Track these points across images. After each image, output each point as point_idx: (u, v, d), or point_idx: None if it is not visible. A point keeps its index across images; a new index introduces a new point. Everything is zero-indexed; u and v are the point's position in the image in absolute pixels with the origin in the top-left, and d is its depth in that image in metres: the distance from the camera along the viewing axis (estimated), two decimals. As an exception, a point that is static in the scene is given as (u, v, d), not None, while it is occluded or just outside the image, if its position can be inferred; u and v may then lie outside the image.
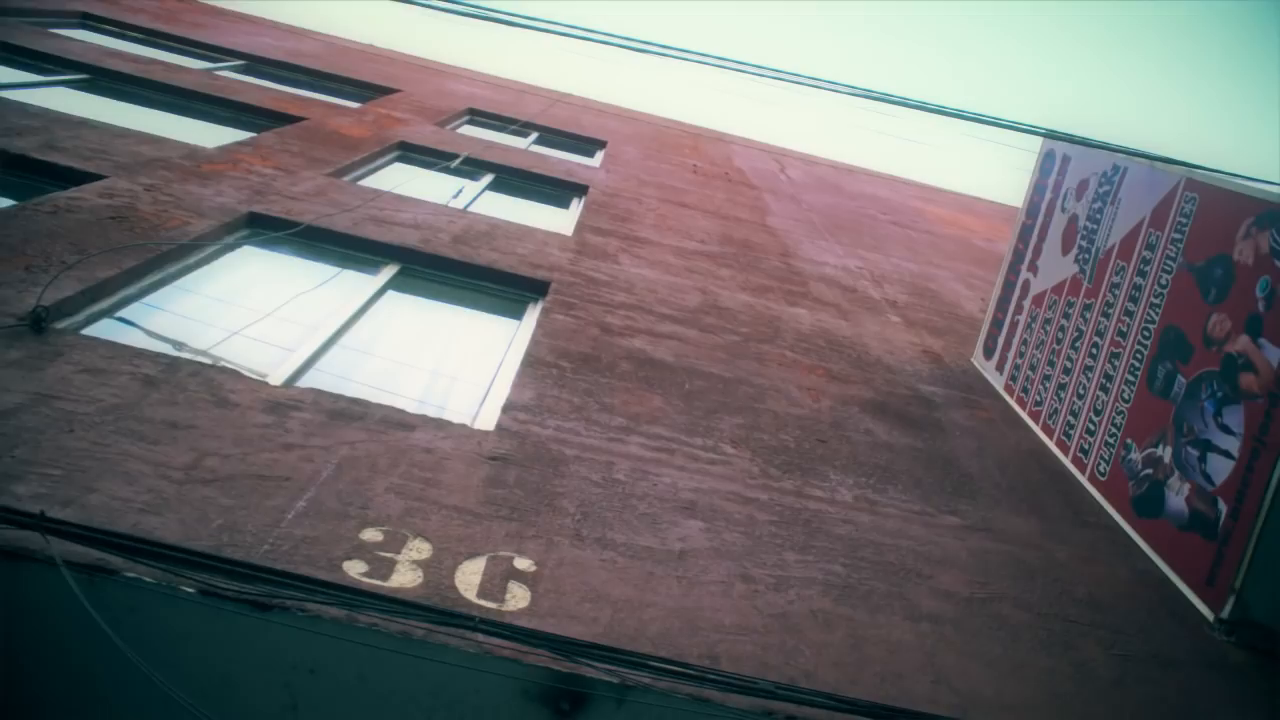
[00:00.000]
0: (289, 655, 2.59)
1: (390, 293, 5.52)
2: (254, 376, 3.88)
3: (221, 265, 5.19)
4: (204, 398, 3.53)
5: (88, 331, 3.96)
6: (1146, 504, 4.43)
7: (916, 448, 4.89)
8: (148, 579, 2.53)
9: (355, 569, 2.79)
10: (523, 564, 3.06)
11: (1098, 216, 5.63)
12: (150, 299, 4.53)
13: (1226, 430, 4.04)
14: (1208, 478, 4.07)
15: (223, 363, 3.99)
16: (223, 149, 7.01)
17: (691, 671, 2.72)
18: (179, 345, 4.16)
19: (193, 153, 6.63)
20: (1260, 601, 3.76)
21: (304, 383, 4.04)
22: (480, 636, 2.60)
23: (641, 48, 4.85)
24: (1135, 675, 3.40)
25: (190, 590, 2.53)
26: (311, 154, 7.55)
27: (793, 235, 9.57)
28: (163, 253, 4.78)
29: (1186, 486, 4.19)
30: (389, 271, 5.71)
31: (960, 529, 4.13)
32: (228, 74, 10.81)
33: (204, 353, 4.13)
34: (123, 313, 4.31)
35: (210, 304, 4.70)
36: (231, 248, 5.39)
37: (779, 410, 4.91)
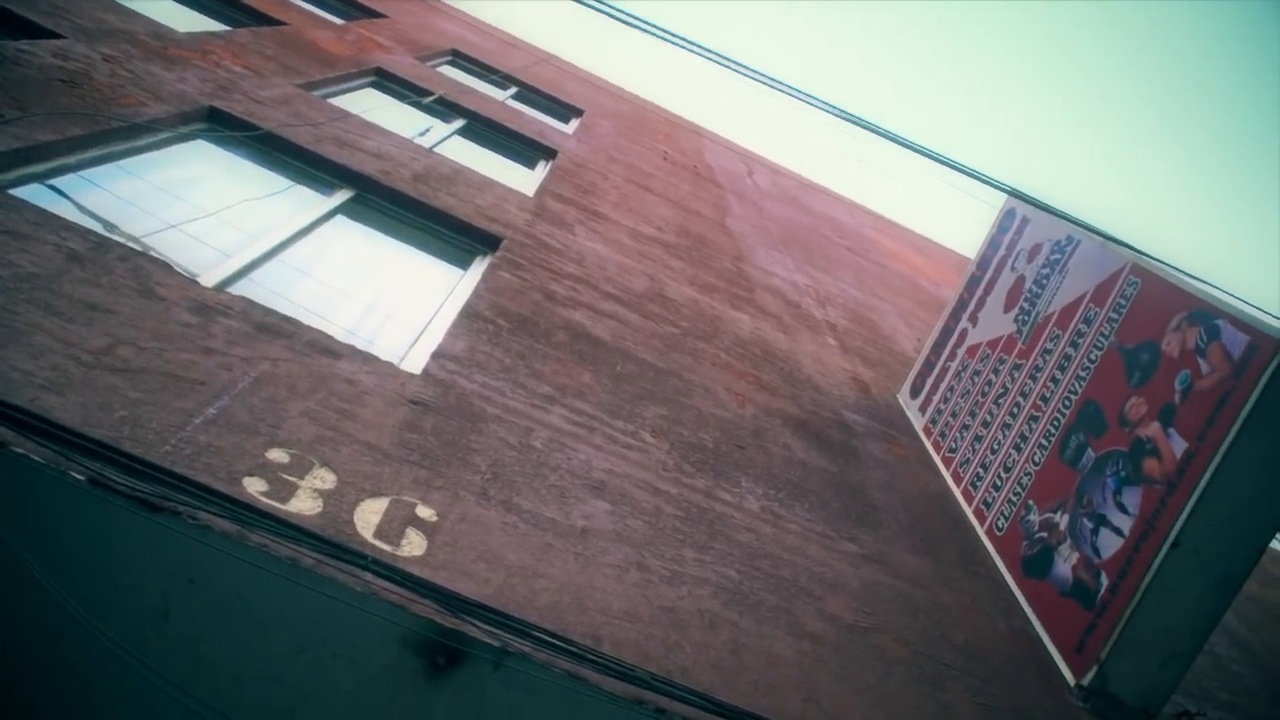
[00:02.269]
0: (170, 561, 2.53)
1: (340, 217, 5.40)
2: (185, 274, 3.76)
3: (171, 154, 5.01)
4: (129, 285, 3.41)
5: (16, 192, 3.78)
6: (1035, 565, 4.57)
7: (829, 471, 4.97)
8: (36, 457, 2.43)
9: (255, 486, 2.73)
10: (425, 512, 3.03)
11: (1044, 282, 5.77)
12: (89, 173, 4.35)
13: (1122, 509, 4.18)
14: (1096, 550, 4.22)
15: (154, 253, 3.86)
16: (193, 36, 6.76)
17: (573, 649, 2.73)
18: (111, 227, 4.01)
19: (161, 33, 6.38)
20: (1120, 675, 3.92)
21: (236, 290, 3.92)
22: (369, 577, 2.56)
23: (632, 22, 4.81)
24: (993, 725, 3.51)
25: (79, 477, 2.45)
26: (285, 61, 7.33)
27: (748, 240, 9.62)
28: (111, 129, 4.59)
29: (1075, 555, 4.33)
30: (342, 195, 5.58)
31: (856, 557, 4.21)
32: (212, -39, 10.42)
33: (137, 240, 3.99)
34: (57, 181, 4.13)
35: (152, 192, 4.53)
36: (185, 138, 5.21)
37: (704, 409, 4.94)
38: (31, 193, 3.90)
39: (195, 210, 4.52)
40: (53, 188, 4.06)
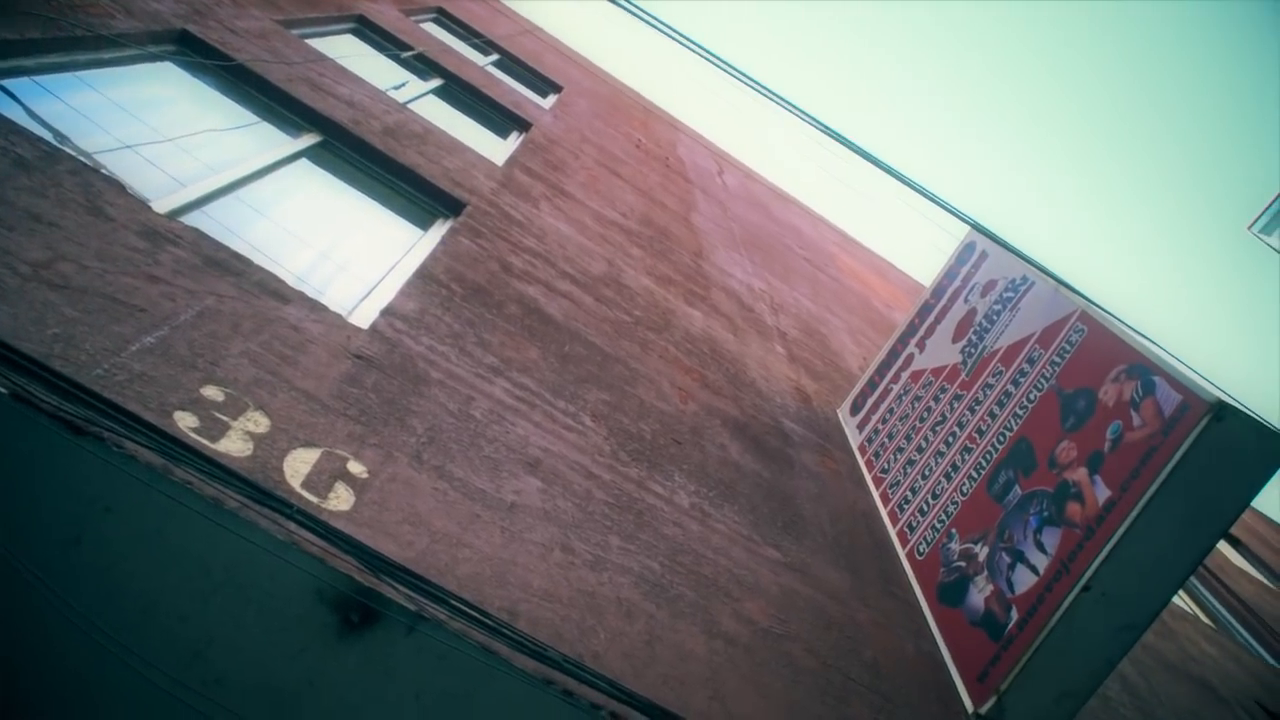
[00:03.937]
0: (90, 488, 2.46)
1: (304, 161, 5.29)
2: (137, 197, 3.65)
3: (136, 73, 4.86)
4: (77, 200, 3.31)
5: (-30, 90, 3.65)
6: (950, 593, 4.66)
7: (762, 476, 5.01)
8: (-40, 364, 2.35)
9: (186, 421, 2.67)
10: (356, 468, 2.99)
11: (994, 318, 5.87)
12: (46, 80, 4.20)
13: (1041, 548, 4.28)
14: (1010, 585, 4.31)
15: (106, 171, 3.74)
16: (174, -45, 6.56)
17: (488, 621, 2.71)
18: (63, 138, 3.88)
19: (141, -53, 6.19)
20: (1016, 707, 4.01)
21: (188, 220, 3.83)
22: (293, 526, 2.52)
23: (624, 6, 4.79)
24: (891, 743, 3.57)
25: (1, 390, 2.37)
26: (265, -7, 7.15)
27: (710, 239, 9.64)
28: (75, 37, 4.44)
29: (990, 587, 4.42)
30: (309, 139, 5.47)
31: (778, 564, 4.25)
32: (202, -119, 10.12)
33: (89, 155, 3.87)
34: (9, 83, 3.97)
35: (111, 109, 4.40)
36: (153, 59, 5.06)
37: (646, 400, 4.94)
38: (-16, 91, 3.76)
39: (155, 134, 4.40)
40: (4, 89, 3.91)
